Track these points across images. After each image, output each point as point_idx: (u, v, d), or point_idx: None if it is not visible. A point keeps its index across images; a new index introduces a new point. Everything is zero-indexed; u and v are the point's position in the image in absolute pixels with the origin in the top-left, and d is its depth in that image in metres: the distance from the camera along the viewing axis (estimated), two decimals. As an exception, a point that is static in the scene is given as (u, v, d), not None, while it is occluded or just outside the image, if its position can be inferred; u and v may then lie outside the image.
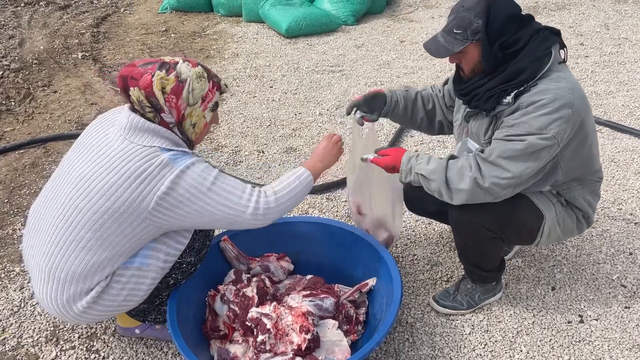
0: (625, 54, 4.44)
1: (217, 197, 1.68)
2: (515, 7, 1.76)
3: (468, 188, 1.75)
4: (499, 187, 1.73)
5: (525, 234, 1.94)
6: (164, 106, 1.64)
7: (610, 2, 5.61)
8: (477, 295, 2.12)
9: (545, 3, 5.70)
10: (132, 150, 1.65)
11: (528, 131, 1.67)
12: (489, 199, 1.78)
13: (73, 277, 1.71)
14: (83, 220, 1.66)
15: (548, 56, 1.73)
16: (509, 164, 1.71)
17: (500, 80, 1.74)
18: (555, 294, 2.22)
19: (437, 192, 1.82)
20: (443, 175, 1.78)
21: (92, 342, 2.08)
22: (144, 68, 1.64)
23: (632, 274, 2.29)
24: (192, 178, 1.65)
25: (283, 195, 1.79)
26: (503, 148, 1.72)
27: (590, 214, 1.97)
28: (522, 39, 1.72)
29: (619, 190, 2.82)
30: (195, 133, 1.75)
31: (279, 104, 3.94)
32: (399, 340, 2.04)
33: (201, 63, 1.73)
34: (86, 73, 4.66)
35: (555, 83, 1.70)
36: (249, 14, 5.64)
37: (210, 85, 1.71)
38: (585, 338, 2.02)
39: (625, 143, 3.24)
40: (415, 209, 2.35)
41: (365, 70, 4.43)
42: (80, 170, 1.68)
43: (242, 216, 1.72)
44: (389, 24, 5.48)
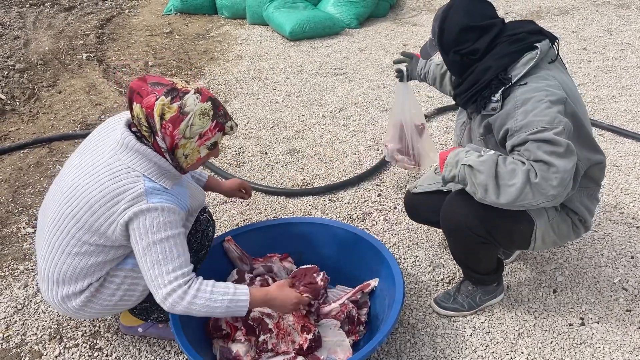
0: (628, 59, 4.45)
1: (151, 255, 1.63)
2: (471, 19, 1.76)
3: (520, 183, 1.62)
4: (549, 182, 1.61)
5: (518, 239, 1.92)
6: (159, 131, 1.61)
7: (613, 8, 5.62)
8: (478, 297, 2.13)
9: (549, 8, 5.72)
10: (117, 169, 1.65)
11: (543, 127, 1.64)
12: (539, 200, 1.64)
13: (64, 279, 1.77)
14: (68, 228, 1.71)
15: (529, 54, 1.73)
16: (553, 159, 1.62)
17: (471, 82, 1.79)
18: (557, 296, 2.22)
19: (482, 188, 1.69)
20: (493, 168, 1.67)
21: (95, 340, 2.09)
22: (152, 88, 1.61)
23: (634, 278, 2.30)
24: (149, 222, 1.62)
25: (200, 305, 1.65)
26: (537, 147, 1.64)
27: (587, 217, 1.94)
28: (480, 45, 1.76)
29: (620, 195, 2.83)
30: (187, 163, 1.70)
31: (282, 106, 3.96)
32: (401, 341, 2.05)
33: (215, 99, 1.66)
34: (91, 74, 4.68)
35: (543, 81, 1.71)
36: (253, 17, 5.67)
37: (212, 125, 1.65)
38: (587, 341, 2.03)
39: (627, 148, 3.24)
40: (416, 218, 2.35)
41: (368, 73, 4.45)
42: (72, 178, 1.72)
43: (154, 291, 1.66)
44: (393, 27, 5.50)
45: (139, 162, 1.66)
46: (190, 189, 1.86)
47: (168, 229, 1.65)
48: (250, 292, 1.71)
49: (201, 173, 2.19)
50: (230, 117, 1.70)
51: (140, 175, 1.65)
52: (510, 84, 1.72)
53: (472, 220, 1.86)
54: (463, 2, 1.79)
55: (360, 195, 2.91)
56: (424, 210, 2.25)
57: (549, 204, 1.66)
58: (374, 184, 2.99)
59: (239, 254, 2.20)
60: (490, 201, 1.70)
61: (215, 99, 1.67)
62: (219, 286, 1.69)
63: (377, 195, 2.90)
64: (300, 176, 3.11)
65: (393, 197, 2.88)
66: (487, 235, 1.87)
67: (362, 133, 3.53)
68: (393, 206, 2.80)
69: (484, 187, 1.69)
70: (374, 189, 2.95)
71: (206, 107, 1.63)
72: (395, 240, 2.55)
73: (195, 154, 1.68)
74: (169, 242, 1.65)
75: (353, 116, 3.75)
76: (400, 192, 2.90)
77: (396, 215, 2.72)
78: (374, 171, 3.07)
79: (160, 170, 1.67)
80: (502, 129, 1.75)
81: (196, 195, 1.89)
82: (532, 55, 1.73)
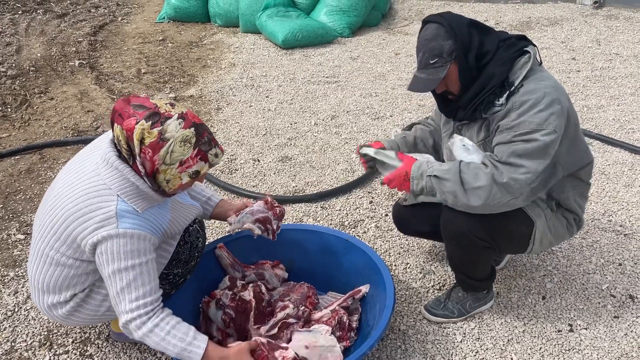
0: (616, 69, 4.52)
1: (116, 281, 1.62)
2: (467, 18, 1.85)
3: (485, 184, 1.73)
4: (516, 182, 1.72)
5: (517, 241, 1.96)
6: (138, 156, 1.57)
7: (602, 18, 5.70)
8: (468, 303, 2.15)
9: (538, 19, 5.79)
10: (94, 185, 1.63)
11: (531, 129, 1.72)
12: (508, 198, 1.74)
13: (48, 288, 1.78)
14: (48, 238, 1.71)
15: (522, 58, 1.80)
16: (522, 161, 1.72)
17: (478, 89, 1.82)
18: (546, 303, 2.24)
19: (451, 195, 1.79)
20: (457, 175, 1.77)
21: (85, 347, 2.08)
22: (134, 110, 1.56)
23: (621, 284, 2.32)
24: (116, 248, 1.59)
25: (153, 341, 1.63)
26: (512, 149, 1.74)
27: (581, 215, 2.01)
28: (491, 47, 1.80)
29: (609, 202, 2.86)
30: (170, 188, 1.65)
31: (274, 114, 3.97)
32: (392, 348, 2.06)
33: (199, 124, 1.60)
34: (83, 80, 4.68)
35: (541, 82, 1.78)
36: (246, 25, 5.70)
37: (193, 152, 1.59)
38: (575, 347, 2.05)
39: (615, 156, 3.28)
40: (406, 231, 2.37)
41: (360, 82, 4.48)
42: (57, 188, 1.72)
43: (117, 315, 1.66)
44: (385, 36, 5.55)
45: (116, 180, 1.62)
46: (175, 211, 1.81)
47: (135, 257, 1.62)
48: (208, 348, 1.64)
49: (211, 197, 2.11)
50: (215, 143, 1.65)
51: (114, 195, 1.62)
52: (513, 88, 1.77)
53: (474, 224, 1.88)
54: (447, 12, 1.86)
55: (351, 202, 2.92)
56: (415, 222, 2.27)
57: (522, 201, 1.78)
58: (366, 192, 3.01)
59: (231, 260, 2.21)
60: (463, 205, 1.81)
61: (200, 124, 1.61)
62: (179, 329, 1.64)
63: (369, 202, 2.91)
64: (293, 183, 3.12)
65: (384, 204, 2.89)
66: (489, 239, 1.90)
67: (354, 141, 3.55)
68: (384, 213, 2.81)
69: (452, 194, 1.79)
70: (365, 196, 2.97)
71: (188, 133, 1.57)
72: (386, 247, 2.57)
73: (177, 180, 1.63)
74: (135, 270, 1.62)
75: (345, 124, 3.78)
76: (392, 200, 2.92)
77: (387, 223, 2.74)
78: (365, 178, 3.08)
79: (136, 192, 1.63)
80: (496, 127, 1.81)
81: (179, 220, 1.83)
82: (526, 59, 1.79)
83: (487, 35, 1.82)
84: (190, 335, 1.65)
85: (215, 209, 2.09)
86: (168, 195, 1.71)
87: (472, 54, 1.79)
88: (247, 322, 1.99)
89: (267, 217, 2.02)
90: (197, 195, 2.07)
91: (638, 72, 4.42)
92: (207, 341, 1.66)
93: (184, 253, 1.94)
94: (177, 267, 1.92)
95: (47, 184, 3.17)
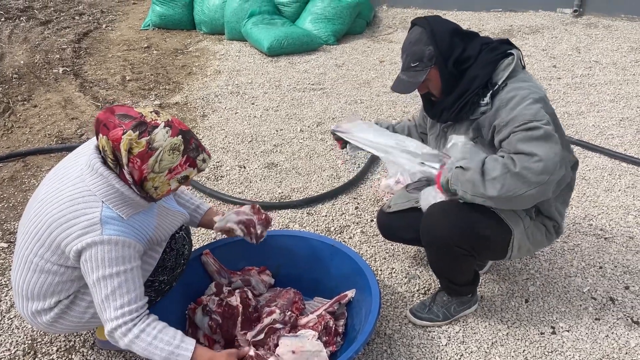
0: (595, 77, 4.61)
1: (101, 289, 1.61)
2: (452, 24, 1.89)
3: (499, 174, 1.71)
4: (529, 170, 1.68)
5: (495, 249, 1.98)
6: (126, 165, 1.58)
7: (582, 27, 5.82)
8: (452, 307, 2.17)
9: (520, 27, 5.89)
10: (78, 191, 1.63)
11: (528, 119, 1.72)
12: (524, 189, 1.70)
13: (32, 295, 1.77)
14: (32, 244, 1.70)
15: (506, 60, 1.84)
16: (531, 148, 1.69)
17: (461, 91, 1.86)
18: (529, 306, 2.28)
19: (470, 183, 1.77)
20: (480, 165, 1.77)
21: (70, 355, 2.07)
22: (120, 120, 1.56)
23: (602, 287, 2.37)
24: (101, 255, 1.59)
25: (140, 347, 1.62)
26: (517, 138, 1.72)
27: (560, 222, 2.03)
28: (473, 52, 1.85)
29: (589, 207, 2.92)
30: (158, 194, 1.66)
31: (260, 120, 3.99)
32: (378, 352, 2.08)
33: (186, 131, 1.62)
34: (67, 88, 4.66)
35: (525, 82, 1.83)
36: (232, 32, 5.71)
37: (182, 160, 1.61)
38: (557, 349, 2.08)
39: (595, 161, 3.35)
40: (391, 237, 2.40)
41: (345, 89, 4.51)
42: (42, 194, 1.71)
43: (102, 322, 1.66)
44: (369, 44, 5.60)
45: (100, 186, 1.62)
46: (161, 217, 1.81)
47: (119, 264, 1.62)
48: (196, 351, 1.64)
49: (199, 205, 2.11)
50: (203, 149, 1.67)
51: (99, 201, 1.62)
52: (496, 87, 1.81)
53: (452, 231, 1.90)
54: (435, 16, 1.91)
55: (337, 208, 2.95)
56: (399, 229, 2.29)
57: (539, 192, 1.71)
58: (351, 197, 3.04)
59: (217, 267, 2.21)
60: (480, 195, 1.76)
61: (187, 131, 1.63)
62: (165, 333, 1.64)
63: (354, 208, 2.94)
64: (279, 189, 3.14)
65: (370, 210, 2.92)
66: (467, 246, 1.92)
67: (339, 147, 3.57)
68: (370, 219, 2.84)
69: (471, 183, 1.77)
70: (351, 202, 2.99)
71: (176, 141, 1.59)
72: (372, 253, 2.59)
73: (166, 187, 1.64)
74: (120, 277, 1.62)
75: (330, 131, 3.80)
76: (377, 205, 2.95)
77: (373, 228, 2.76)
78: (351, 185, 3.11)
79: (121, 198, 1.63)
80: (490, 127, 1.84)
81: (165, 226, 1.83)
82: (509, 61, 1.84)
83: (470, 41, 1.87)
84: (177, 338, 1.65)
85: (203, 217, 2.10)
86: (155, 201, 1.71)
87: (452, 60, 1.83)
88: (234, 328, 2.00)
89: (251, 220, 2.04)
90: (186, 204, 2.07)
91: (617, 80, 4.52)
92: (195, 344, 1.66)
93: (170, 260, 1.94)
94: (163, 274, 1.92)
95: (30, 192, 3.14)
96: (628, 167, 3.27)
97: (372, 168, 3.32)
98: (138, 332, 1.62)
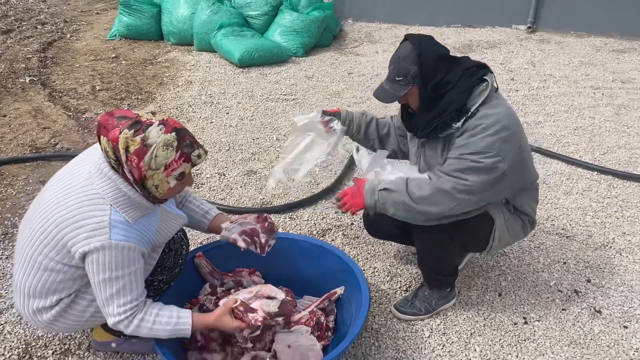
0: (550, 89, 4.92)
1: (106, 289, 1.71)
2: (441, 49, 2.03)
3: (429, 193, 1.95)
4: (458, 191, 1.93)
5: (479, 238, 2.15)
6: (125, 164, 1.64)
7: (535, 42, 6.18)
8: (434, 301, 2.32)
9: (479, 42, 6.20)
10: (87, 194, 1.69)
11: (476, 150, 1.92)
12: (453, 204, 1.96)
13: (34, 292, 1.81)
14: (37, 243, 1.75)
15: (481, 86, 1.99)
16: (465, 175, 1.93)
17: (437, 113, 2.01)
18: (502, 299, 2.46)
19: (402, 205, 2.00)
20: (404, 186, 1.99)
21: (67, 358, 2.10)
22: (118, 121, 1.64)
23: (567, 280, 2.57)
24: (108, 259, 1.67)
25: (145, 330, 1.77)
26: (458, 165, 1.95)
27: (534, 217, 2.24)
28: (453, 78, 1.99)
29: (551, 209, 3.14)
30: (159, 193, 1.72)
31: (236, 130, 4.08)
32: (366, 345, 2.20)
33: (181, 129, 1.68)
34: (35, 97, 4.61)
35: (495, 109, 1.97)
36: (201, 43, 5.78)
37: (176, 156, 1.66)
38: (530, 337, 2.26)
39: (554, 167, 3.60)
40: (377, 234, 2.54)
41: (317, 99, 4.66)
42: (49, 195, 1.77)
43: (105, 316, 1.77)
44: (337, 56, 5.78)
45: (109, 190, 1.69)
46: (163, 221, 1.88)
47: (124, 267, 1.70)
48: (193, 322, 1.81)
49: (208, 210, 2.16)
50: (198, 145, 1.72)
51: (107, 204, 1.68)
52: (469, 113, 1.96)
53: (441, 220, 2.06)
54: (428, 37, 2.04)
55: (318, 212, 3.06)
56: (385, 225, 2.43)
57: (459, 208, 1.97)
58: (331, 202, 3.16)
59: (210, 269, 2.29)
60: (414, 213, 2.00)
61: (181, 129, 1.69)
62: (162, 315, 1.79)
63: (335, 212, 3.06)
64: (260, 196, 3.23)
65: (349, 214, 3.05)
66: (455, 234, 2.08)
67: (315, 155, 3.70)
68: (350, 222, 2.97)
69: (402, 204, 2.00)
70: (331, 207, 3.11)
71: (170, 138, 1.64)
72: (354, 254, 2.72)
73: (165, 185, 1.70)
74: (124, 279, 1.71)
75: (306, 139, 3.92)
76: (356, 209, 3.08)
77: (354, 231, 2.89)
78: (329, 190, 3.24)
79: (128, 201, 1.70)
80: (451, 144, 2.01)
81: (165, 230, 1.89)
82: (483, 87, 1.98)
83: (454, 66, 2.00)
84: (174, 316, 1.80)
85: (212, 223, 2.15)
86: (160, 202, 1.78)
87: (432, 83, 1.97)
88: (232, 325, 2.07)
89: (254, 230, 2.11)
90: (196, 209, 2.13)
91: (570, 92, 4.84)
92: (191, 315, 1.81)
93: (169, 260, 2.01)
94: (162, 273, 1.99)
95: (7, 201, 3.13)
96: (584, 172, 3.53)
97: (349, 174, 3.46)
98: (138, 322, 1.75)
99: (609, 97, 4.72)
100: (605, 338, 2.25)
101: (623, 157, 3.72)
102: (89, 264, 1.70)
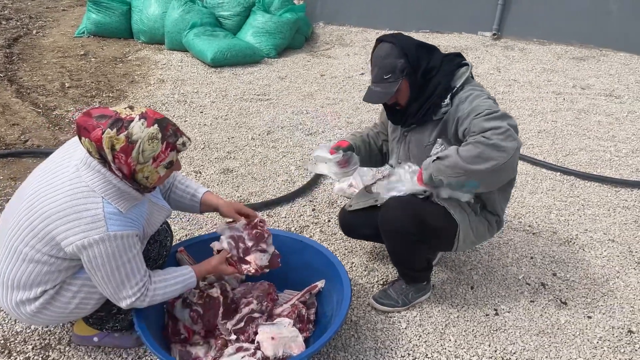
0: (514, 94, 5.11)
1: (116, 278, 1.76)
2: (415, 39, 2.14)
3: (479, 150, 1.90)
4: (502, 139, 1.88)
5: (444, 239, 2.24)
6: (112, 162, 1.66)
7: (500, 49, 6.39)
8: (410, 294, 2.41)
9: (446, 47, 6.37)
10: (77, 187, 1.70)
11: (485, 108, 1.98)
12: (502, 154, 1.88)
13: (18, 284, 1.81)
14: (23, 235, 1.75)
15: (462, 69, 2.12)
16: (497, 123, 1.91)
17: (426, 96, 2.11)
18: (474, 292, 2.56)
19: (452, 167, 1.95)
20: (455, 150, 1.97)
21: (47, 353, 2.09)
22: (97, 121, 1.63)
23: (534, 274, 2.70)
24: (111, 250, 1.70)
25: (159, 296, 1.88)
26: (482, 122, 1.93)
27: (502, 217, 2.34)
28: (435, 63, 2.11)
29: (518, 207, 3.28)
30: (150, 183, 1.75)
31: (210, 129, 4.09)
32: (346, 337, 2.26)
33: (162, 119, 1.69)
34: (2, 94, 4.51)
35: (478, 86, 2.12)
36: (172, 42, 5.75)
37: (163, 146, 1.68)
38: (501, 327, 2.37)
39: (520, 168, 3.74)
40: (353, 234, 2.61)
41: (290, 100, 4.71)
42: (34, 187, 1.77)
43: (117, 303, 1.84)
44: (309, 58, 5.85)
45: (98, 182, 1.70)
46: (150, 212, 1.90)
47: (128, 252, 1.75)
48: (196, 274, 1.99)
49: (194, 193, 2.17)
50: (181, 133, 1.74)
51: (99, 197, 1.69)
52: (454, 89, 2.08)
53: (406, 222, 2.15)
54: (398, 33, 2.15)
55: (295, 210, 3.12)
56: (360, 226, 2.51)
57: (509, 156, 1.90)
58: (308, 200, 3.22)
59: (191, 264, 2.30)
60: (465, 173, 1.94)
61: (162, 119, 1.70)
62: (168, 279, 1.92)
63: (312, 210, 3.12)
64: (237, 193, 3.26)
65: (326, 211, 3.12)
66: (420, 234, 2.17)
67: (291, 154, 3.76)
68: (327, 219, 3.03)
69: (454, 165, 1.95)
70: (308, 205, 3.17)
71: (153, 131, 1.66)
72: (332, 249, 2.78)
73: (155, 175, 1.73)
74: (130, 263, 1.77)
75: (281, 139, 3.98)
76: (332, 207, 3.15)
77: (331, 228, 2.96)
78: (306, 188, 3.29)
79: (119, 193, 1.72)
80: (454, 121, 2.08)
81: (153, 221, 1.92)
82: (464, 70, 2.12)
83: (433, 54, 2.13)
84: (179, 275, 1.95)
85: (202, 206, 2.17)
86: (149, 191, 1.81)
87: (420, 71, 2.07)
88: (216, 318, 2.10)
89: (241, 237, 2.15)
90: (183, 194, 2.15)
91: (533, 97, 5.04)
92: (192, 269, 1.99)
93: (153, 251, 2.03)
94: (147, 265, 2.00)
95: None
96: (548, 172, 3.70)
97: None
98: (152, 293, 1.87)
99: (569, 102, 4.94)
100: (571, 328, 2.38)
101: (584, 159, 3.91)
102: (91, 259, 1.71)
